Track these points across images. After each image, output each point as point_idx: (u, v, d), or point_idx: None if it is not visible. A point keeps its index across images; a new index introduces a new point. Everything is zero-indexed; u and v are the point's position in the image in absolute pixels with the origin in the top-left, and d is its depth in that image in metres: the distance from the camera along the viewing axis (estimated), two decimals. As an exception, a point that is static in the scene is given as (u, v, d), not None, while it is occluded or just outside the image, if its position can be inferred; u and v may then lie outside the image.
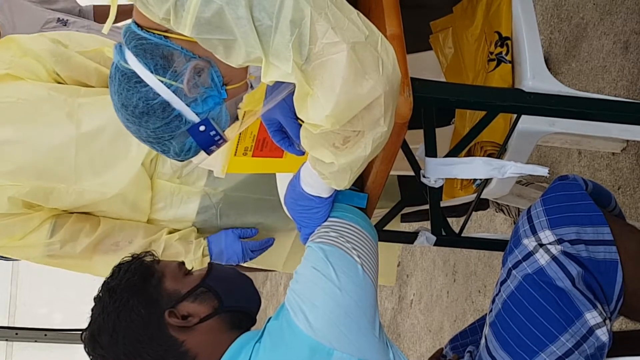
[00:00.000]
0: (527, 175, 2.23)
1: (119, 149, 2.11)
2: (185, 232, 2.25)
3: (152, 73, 1.37)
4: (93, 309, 1.49)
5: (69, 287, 6.28)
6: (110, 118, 1.46)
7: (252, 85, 1.50)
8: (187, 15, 1.28)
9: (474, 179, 1.97)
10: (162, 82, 1.37)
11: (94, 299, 1.50)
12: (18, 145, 2.06)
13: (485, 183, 1.90)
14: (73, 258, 2.18)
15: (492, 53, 1.93)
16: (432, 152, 1.70)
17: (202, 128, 1.41)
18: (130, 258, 1.53)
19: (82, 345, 1.50)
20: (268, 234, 2.34)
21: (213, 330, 1.47)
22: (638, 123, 1.71)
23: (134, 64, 1.37)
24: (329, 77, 1.30)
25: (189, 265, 1.57)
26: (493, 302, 1.53)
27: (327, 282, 1.38)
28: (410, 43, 1.53)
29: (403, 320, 3.72)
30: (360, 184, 1.60)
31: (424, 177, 1.73)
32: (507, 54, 1.88)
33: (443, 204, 1.92)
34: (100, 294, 1.50)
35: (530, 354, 1.45)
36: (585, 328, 1.43)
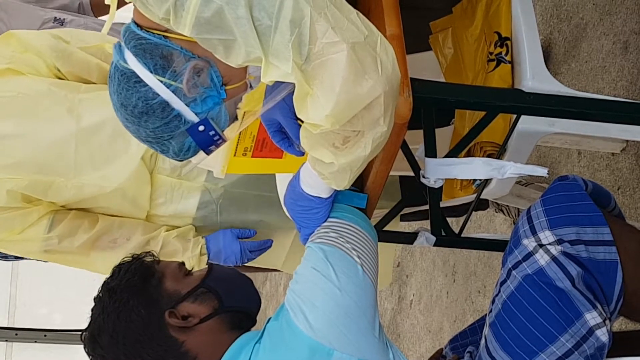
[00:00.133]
0: (526, 176, 2.23)
1: (119, 145, 2.11)
2: (184, 229, 2.24)
3: (151, 73, 1.37)
4: (93, 310, 1.49)
5: (69, 287, 6.28)
6: (111, 114, 1.46)
7: (251, 85, 1.49)
8: (186, 15, 1.27)
9: (474, 180, 1.97)
10: (161, 82, 1.37)
11: (94, 300, 1.50)
12: (18, 140, 2.06)
13: (485, 183, 1.90)
14: (70, 254, 2.18)
15: (491, 53, 1.93)
16: (431, 152, 1.70)
17: (201, 128, 1.41)
18: (131, 258, 1.53)
19: (82, 346, 1.50)
20: (268, 232, 2.33)
21: (213, 331, 1.47)
22: (637, 123, 1.71)
23: (134, 64, 1.37)
24: (329, 76, 1.30)
25: (187, 263, 1.57)
26: (493, 302, 1.53)
27: (327, 282, 1.38)
28: (410, 43, 1.53)
29: (403, 321, 3.72)
30: (360, 184, 1.59)
31: (424, 177, 1.73)
32: (506, 54, 1.88)
33: (443, 204, 1.92)
34: (100, 294, 1.49)
35: (530, 355, 1.45)
36: (585, 328, 1.43)
